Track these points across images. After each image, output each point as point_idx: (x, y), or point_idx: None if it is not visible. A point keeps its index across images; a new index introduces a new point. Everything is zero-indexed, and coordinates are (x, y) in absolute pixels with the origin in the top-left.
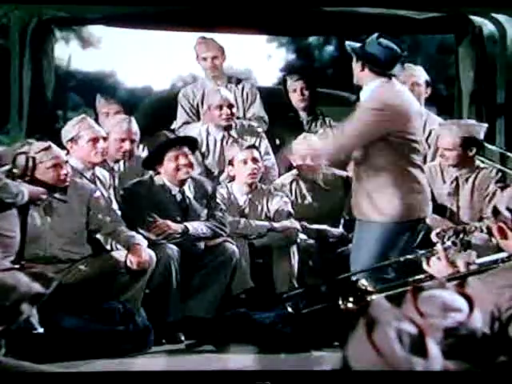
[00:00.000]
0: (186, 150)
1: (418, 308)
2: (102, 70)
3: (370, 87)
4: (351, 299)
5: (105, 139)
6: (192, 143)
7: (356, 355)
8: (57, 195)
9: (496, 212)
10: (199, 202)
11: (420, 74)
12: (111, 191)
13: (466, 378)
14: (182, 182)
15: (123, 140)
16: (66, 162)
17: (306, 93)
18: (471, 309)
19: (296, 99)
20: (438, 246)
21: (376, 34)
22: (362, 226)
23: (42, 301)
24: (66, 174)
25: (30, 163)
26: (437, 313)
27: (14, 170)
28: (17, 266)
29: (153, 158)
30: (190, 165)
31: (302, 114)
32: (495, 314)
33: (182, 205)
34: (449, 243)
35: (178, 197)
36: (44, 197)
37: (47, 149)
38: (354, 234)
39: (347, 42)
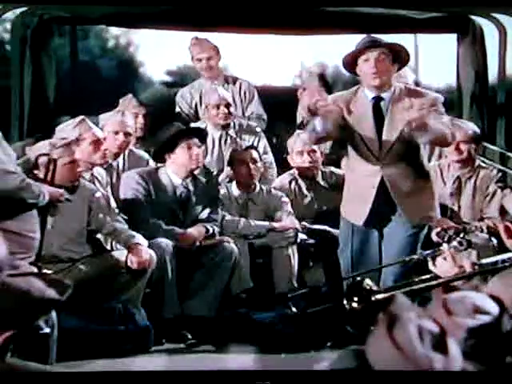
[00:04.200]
0: (196, 140)
1: (447, 305)
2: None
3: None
4: (356, 299)
5: (105, 139)
6: (202, 136)
7: (376, 351)
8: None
9: (503, 211)
10: (198, 198)
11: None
12: (108, 189)
13: (471, 379)
14: (191, 173)
15: (117, 132)
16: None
17: None
18: (502, 313)
19: None
20: (445, 246)
21: None
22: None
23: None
24: (79, 172)
25: (52, 165)
26: (464, 313)
27: (35, 172)
28: (35, 270)
29: (166, 146)
30: (202, 155)
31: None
32: None
33: (182, 197)
34: (455, 243)
35: (180, 189)
36: (62, 198)
37: (67, 145)
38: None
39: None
